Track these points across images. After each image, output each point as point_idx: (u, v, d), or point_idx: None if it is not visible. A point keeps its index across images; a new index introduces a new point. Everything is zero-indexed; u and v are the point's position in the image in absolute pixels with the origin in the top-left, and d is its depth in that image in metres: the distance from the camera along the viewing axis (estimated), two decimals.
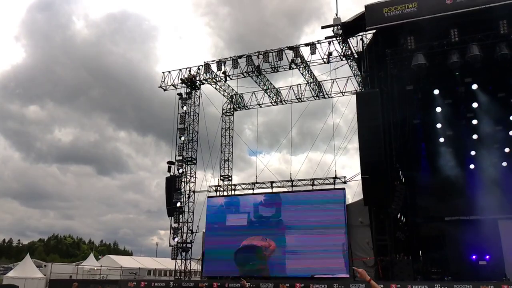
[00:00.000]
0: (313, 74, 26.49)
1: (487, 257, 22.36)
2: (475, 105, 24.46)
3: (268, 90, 28.43)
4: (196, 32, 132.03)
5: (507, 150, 24.93)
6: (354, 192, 23.92)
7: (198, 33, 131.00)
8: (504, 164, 24.82)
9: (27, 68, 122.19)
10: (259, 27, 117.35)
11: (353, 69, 24.96)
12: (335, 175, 24.66)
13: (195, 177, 27.56)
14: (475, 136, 25.20)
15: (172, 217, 26.28)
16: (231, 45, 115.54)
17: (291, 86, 28.03)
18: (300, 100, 27.86)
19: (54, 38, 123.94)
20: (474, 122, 24.98)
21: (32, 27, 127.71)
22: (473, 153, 25.49)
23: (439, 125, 25.40)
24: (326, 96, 27.29)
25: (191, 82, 27.49)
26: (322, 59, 23.88)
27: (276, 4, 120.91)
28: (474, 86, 23.58)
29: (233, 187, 28.49)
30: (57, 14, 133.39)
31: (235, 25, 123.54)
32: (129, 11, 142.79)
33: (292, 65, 24.94)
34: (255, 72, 25.71)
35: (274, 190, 26.34)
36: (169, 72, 27.67)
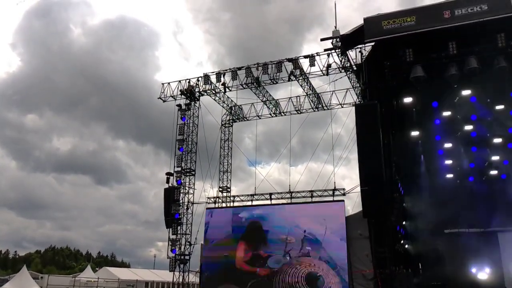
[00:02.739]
0: (312, 86, 26.59)
1: (487, 270, 22.23)
2: (473, 117, 24.53)
3: (267, 101, 28.52)
4: (196, 38, 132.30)
5: (506, 162, 24.92)
6: (354, 203, 23.84)
7: (198, 39, 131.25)
8: (503, 176, 24.80)
9: (24, 77, 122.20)
10: (261, 33, 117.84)
11: (352, 81, 25.07)
12: (334, 186, 24.65)
13: (194, 189, 27.51)
14: (474, 149, 25.21)
15: (170, 229, 26.15)
16: (232, 52, 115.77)
17: (290, 97, 28.15)
18: (299, 112, 27.95)
19: (51, 46, 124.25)
20: (473, 134, 25.03)
21: (29, 35, 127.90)
22: (472, 165, 25.46)
23: (438, 138, 25.43)
24: (325, 108, 27.38)
25: (191, 94, 27.58)
26: (321, 71, 23.99)
27: (278, 11, 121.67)
28: (473, 99, 23.69)
29: (232, 198, 28.43)
30: (54, 21, 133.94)
31: (236, 32, 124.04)
32: (127, 18, 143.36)
33: (291, 77, 25.05)
34: (254, 83, 25.83)
35: (273, 201, 26.33)
36: (169, 83, 27.79)
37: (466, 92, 23.17)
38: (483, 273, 22.03)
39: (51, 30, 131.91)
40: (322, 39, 22.46)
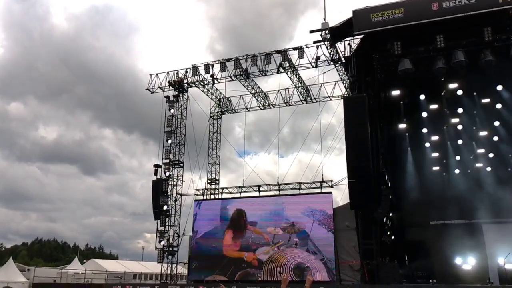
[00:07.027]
0: (301, 78, 26.57)
1: (472, 260, 22.57)
2: (460, 110, 24.80)
3: (256, 94, 28.44)
4: (186, 21, 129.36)
5: (491, 155, 25.27)
6: (342, 194, 23.94)
7: (189, 23, 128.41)
8: (488, 169, 25.15)
9: (6, 63, 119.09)
10: (254, 17, 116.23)
11: (340, 73, 25.10)
12: (322, 178, 24.75)
13: (182, 180, 27.43)
14: (460, 141, 25.51)
15: (159, 221, 26.09)
16: (225, 36, 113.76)
17: (279, 90, 28.10)
18: (288, 104, 27.96)
19: (32, 31, 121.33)
20: (459, 127, 25.32)
21: (9, 19, 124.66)
22: (458, 158, 25.77)
23: (424, 130, 25.66)
24: (314, 100, 27.39)
25: (179, 85, 27.38)
26: (310, 63, 23.98)
27: None
28: (459, 92, 23.94)
29: (220, 190, 28.42)
30: (34, 5, 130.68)
31: (229, 15, 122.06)
32: (111, 2, 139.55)
33: (280, 69, 25.01)
34: (243, 75, 25.73)
35: (262, 193, 26.41)
36: (157, 74, 27.57)
37: (453, 86, 23.43)
38: (467, 264, 22.38)
39: (31, 14, 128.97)
40: (311, 31, 22.40)
